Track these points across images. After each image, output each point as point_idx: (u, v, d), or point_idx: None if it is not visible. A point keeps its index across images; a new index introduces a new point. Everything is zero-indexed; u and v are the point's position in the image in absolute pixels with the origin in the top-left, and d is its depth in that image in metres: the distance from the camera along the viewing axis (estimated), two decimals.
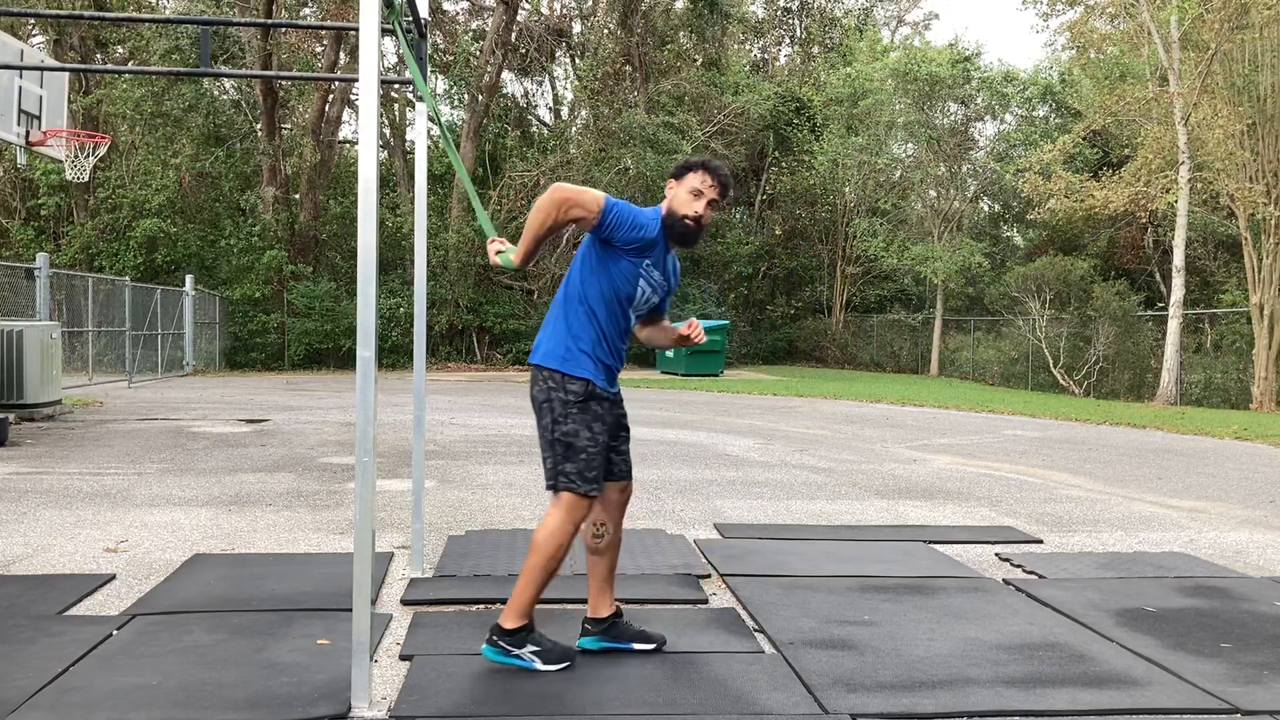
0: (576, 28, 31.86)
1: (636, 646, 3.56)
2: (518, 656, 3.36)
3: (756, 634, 3.84)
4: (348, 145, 31.86)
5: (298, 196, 27.04)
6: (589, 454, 3.34)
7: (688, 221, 3.39)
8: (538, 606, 3.71)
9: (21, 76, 10.65)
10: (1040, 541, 5.63)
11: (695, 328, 3.41)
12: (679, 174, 3.46)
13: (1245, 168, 18.79)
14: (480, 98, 26.48)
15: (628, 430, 3.61)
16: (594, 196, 3.26)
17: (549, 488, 3.38)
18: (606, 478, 3.47)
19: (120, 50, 28.21)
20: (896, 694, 3.22)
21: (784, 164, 32.25)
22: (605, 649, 3.56)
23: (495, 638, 3.38)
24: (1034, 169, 22.88)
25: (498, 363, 26.23)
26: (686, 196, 3.41)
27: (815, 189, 31.51)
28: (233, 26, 23.55)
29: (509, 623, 3.37)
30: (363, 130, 3.09)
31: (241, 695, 3.09)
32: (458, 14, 31.72)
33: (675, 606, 4.15)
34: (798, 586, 4.49)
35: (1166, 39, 19.28)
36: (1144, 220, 24.39)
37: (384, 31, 4.32)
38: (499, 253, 3.65)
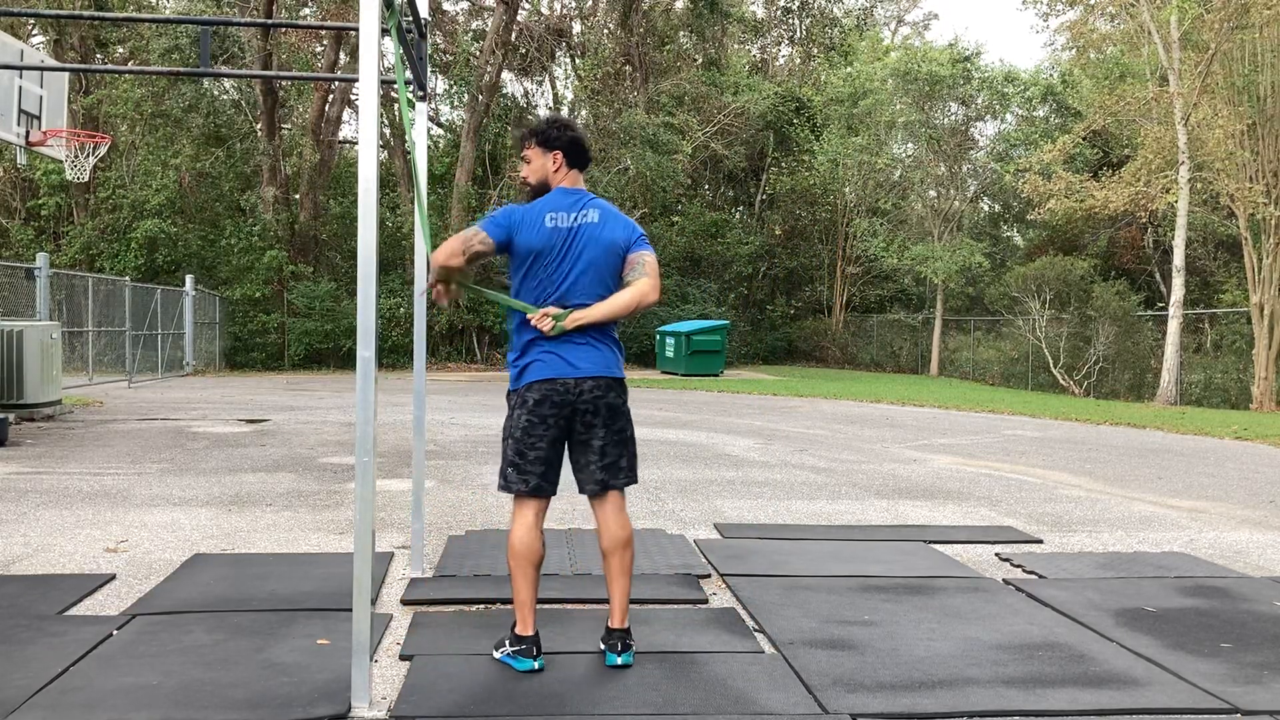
0: (576, 28, 31.87)
1: None
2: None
3: (756, 634, 3.84)
4: (348, 145, 31.86)
5: (298, 196, 27.05)
6: None
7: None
8: (540, 606, 3.72)
9: (21, 76, 10.65)
10: (1040, 541, 5.63)
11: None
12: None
13: (1245, 168, 18.78)
14: (480, 98, 26.48)
15: None
16: None
17: (629, 483, 3.52)
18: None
19: (120, 50, 28.21)
20: (896, 694, 3.22)
21: (784, 164, 32.24)
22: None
23: (631, 641, 3.48)
24: (1034, 169, 22.87)
25: (498, 363, 26.22)
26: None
27: (815, 189, 31.50)
28: (233, 26, 23.55)
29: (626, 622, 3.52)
30: (363, 130, 3.10)
31: (241, 695, 3.09)
32: (458, 14, 31.73)
33: (675, 606, 4.15)
34: (798, 586, 4.49)
35: (1166, 39, 19.27)
36: (1144, 220, 24.38)
37: (384, 31, 4.32)
38: (555, 318, 3.39)
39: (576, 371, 3.39)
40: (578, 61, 31.37)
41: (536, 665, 3.36)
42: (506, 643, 3.45)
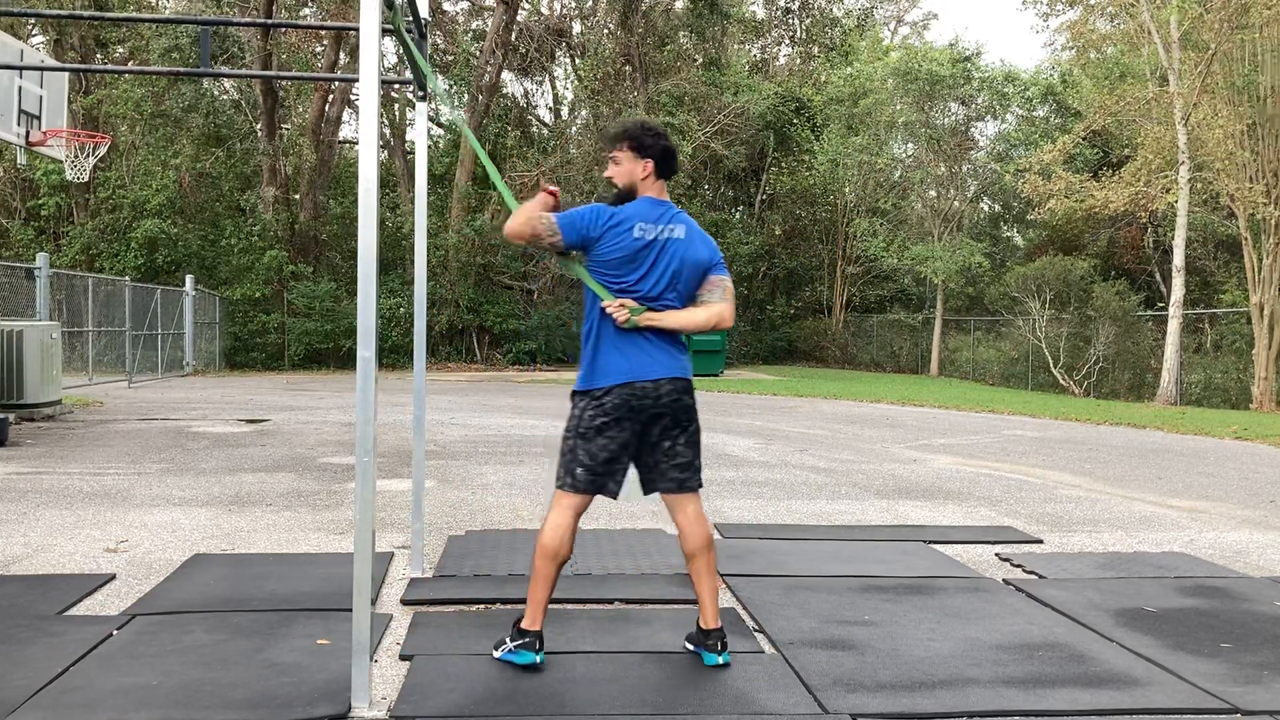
0: (576, 28, 31.86)
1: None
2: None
3: (756, 634, 3.84)
4: (348, 145, 31.87)
5: (298, 196, 27.05)
6: None
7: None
8: (550, 606, 3.71)
9: (21, 76, 10.65)
10: (1040, 541, 5.63)
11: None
12: None
13: (1245, 168, 18.78)
14: (480, 98, 26.48)
15: None
16: None
17: (694, 485, 3.54)
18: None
19: (120, 50, 28.22)
20: (896, 694, 3.22)
21: (784, 164, 32.23)
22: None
23: (726, 639, 3.51)
24: (1034, 169, 22.87)
25: (498, 363, 26.23)
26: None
27: (815, 189, 31.49)
28: (233, 26, 23.55)
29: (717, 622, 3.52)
30: (363, 130, 3.10)
31: (241, 695, 3.09)
32: (458, 14, 31.74)
33: (675, 606, 4.15)
34: (798, 586, 4.49)
35: (1166, 39, 19.27)
36: (1144, 220, 24.38)
37: (384, 31, 4.32)
38: (631, 310, 3.39)
39: (654, 374, 3.38)
40: (578, 61, 31.36)
41: (538, 659, 3.37)
42: (507, 640, 3.45)
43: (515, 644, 3.41)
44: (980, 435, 11.46)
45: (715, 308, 3.47)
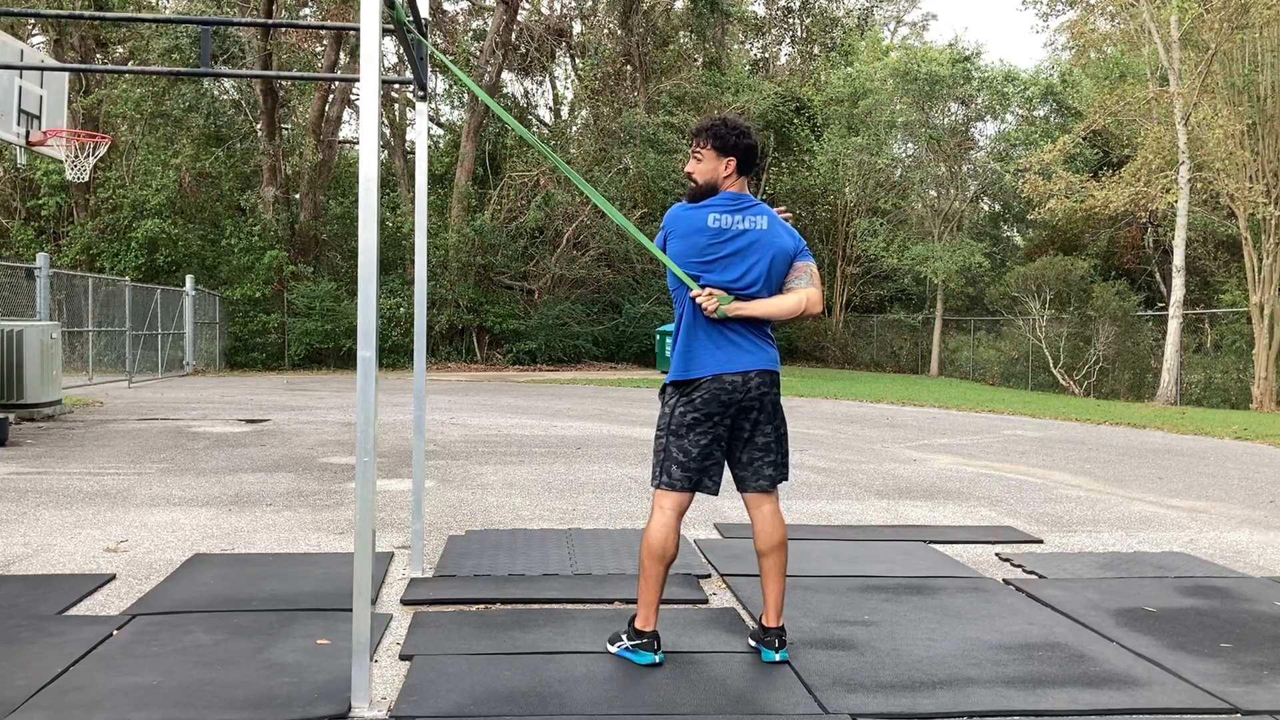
0: (576, 28, 31.87)
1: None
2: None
3: None
4: (348, 145, 31.86)
5: (298, 196, 27.05)
6: None
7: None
8: (540, 607, 3.72)
9: (21, 76, 10.65)
10: (1040, 541, 5.63)
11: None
12: None
13: (1245, 168, 18.78)
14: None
15: None
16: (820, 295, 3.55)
17: (783, 479, 3.58)
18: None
19: (120, 50, 28.22)
20: (896, 694, 3.22)
21: (784, 164, 32.23)
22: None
23: (786, 637, 3.54)
24: (1034, 169, 22.87)
25: (498, 363, 26.23)
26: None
27: (815, 189, 31.49)
28: (233, 26, 23.55)
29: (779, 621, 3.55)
30: (363, 130, 3.10)
31: (241, 695, 3.09)
32: (457, 14, 31.74)
33: (675, 606, 4.15)
34: (797, 586, 4.49)
35: (1166, 39, 19.28)
36: (1144, 220, 24.39)
37: (384, 31, 4.32)
38: (720, 299, 3.40)
39: (743, 366, 3.39)
40: (578, 61, 31.37)
41: (658, 659, 3.40)
42: (624, 637, 3.48)
43: (633, 643, 3.44)
44: (980, 435, 11.46)
45: (802, 293, 3.46)
